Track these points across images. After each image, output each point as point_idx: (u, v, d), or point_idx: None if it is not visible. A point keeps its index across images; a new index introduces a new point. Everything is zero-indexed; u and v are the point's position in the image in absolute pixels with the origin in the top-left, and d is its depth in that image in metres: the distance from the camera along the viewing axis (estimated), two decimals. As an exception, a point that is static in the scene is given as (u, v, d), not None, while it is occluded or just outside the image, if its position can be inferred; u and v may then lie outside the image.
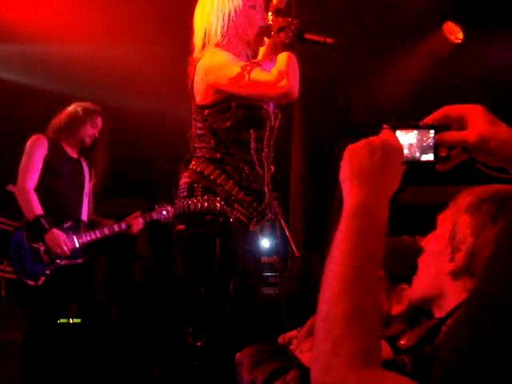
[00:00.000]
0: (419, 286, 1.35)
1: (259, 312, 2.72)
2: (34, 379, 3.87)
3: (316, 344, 0.92)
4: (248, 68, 2.44)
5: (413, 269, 1.45)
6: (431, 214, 1.37)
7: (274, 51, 2.52)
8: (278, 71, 2.43)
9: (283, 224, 3.64)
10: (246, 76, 2.42)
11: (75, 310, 5.04)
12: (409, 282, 1.61)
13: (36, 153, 3.96)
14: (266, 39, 2.63)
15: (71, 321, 4.93)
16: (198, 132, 2.63)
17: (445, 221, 1.31)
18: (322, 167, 6.37)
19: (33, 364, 3.76)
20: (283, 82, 2.42)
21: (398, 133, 1.09)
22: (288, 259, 5.39)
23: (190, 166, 2.62)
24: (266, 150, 2.64)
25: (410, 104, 6.02)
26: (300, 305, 4.65)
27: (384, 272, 1.78)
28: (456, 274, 1.24)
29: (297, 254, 3.80)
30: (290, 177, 6.14)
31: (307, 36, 2.51)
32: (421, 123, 1.11)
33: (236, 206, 2.54)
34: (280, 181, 3.33)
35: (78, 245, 3.97)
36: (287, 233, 3.68)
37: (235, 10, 2.57)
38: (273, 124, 2.66)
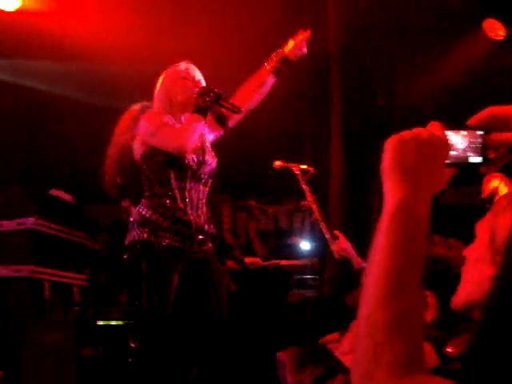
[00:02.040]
0: (462, 294, 1.29)
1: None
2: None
3: (357, 349, 0.89)
4: (161, 126, 3.07)
5: (435, 275, 1.42)
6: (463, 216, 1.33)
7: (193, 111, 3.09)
8: (177, 131, 3.06)
9: (322, 226, 3.63)
10: (158, 133, 3.05)
11: (116, 312, 5.10)
12: (432, 289, 1.57)
13: None
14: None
15: (113, 323, 4.98)
16: (141, 177, 3.20)
17: (483, 227, 1.26)
18: (361, 169, 6.31)
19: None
20: (177, 142, 3.01)
21: (446, 132, 1.03)
22: (328, 262, 5.36)
23: (137, 207, 3.20)
24: (190, 187, 3.14)
25: (450, 103, 5.92)
26: (340, 307, 4.61)
27: None
28: None
29: (336, 257, 3.77)
30: (329, 179, 6.10)
31: (222, 102, 3.06)
32: (468, 124, 1.07)
33: (163, 234, 3.05)
34: (319, 183, 3.35)
35: None
36: (326, 235, 3.66)
37: (165, 84, 3.23)
38: (194, 167, 3.13)
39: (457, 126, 1.06)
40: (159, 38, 5.56)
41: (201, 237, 3.15)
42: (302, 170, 3.84)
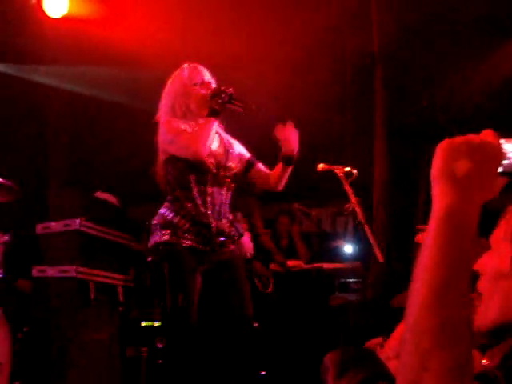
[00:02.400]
0: (488, 315, 1.21)
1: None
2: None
3: (403, 356, 0.88)
4: (178, 134, 3.12)
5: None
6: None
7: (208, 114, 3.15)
8: (191, 137, 3.09)
9: (366, 230, 3.59)
10: (174, 141, 3.12)
11: (159, 313, 5.15)
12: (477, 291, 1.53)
13: None
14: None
15: (156, 324, 5.03)
16: (163, 181, 3.28)
17: (501, 239, 1.21)
18: (405, 172, 6.25)
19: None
20: (193, 147, 3.05)
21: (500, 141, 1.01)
22: (371, 265, 5.31)
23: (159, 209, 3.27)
24: (212, 190, 3.19)
25: (498, 105, 5.81)
26: (384, 311, 4.57)
27: None
28: None
29: (380, 260, 3.73)
30: (372, 183, 6.05)
31: (235, 102, 3.11)
32: None
33: (185, 235, 3.12)
34: (362, 186, 3.33)
35: None
36: (370, 239, 3.62)
37: (176, 92, 3.26)
38: (215, 171, 3.19)
39: (509, 135, 1.04)
40: (206, 42, 5.60)
41: (222, 239, 3.21)
42: (346, 173, 3.80)
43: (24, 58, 6.56)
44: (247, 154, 3.42)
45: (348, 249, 6.26)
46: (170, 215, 3.16)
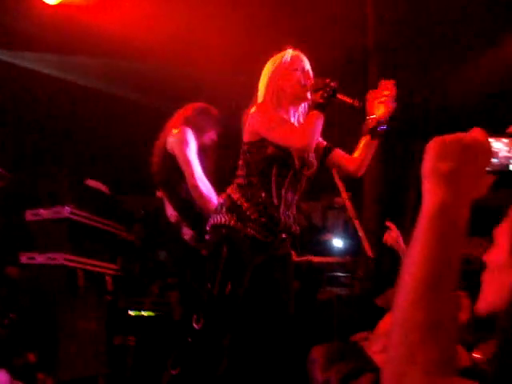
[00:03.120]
0: (483, 303, 1.26)
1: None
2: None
3: (390, 349, 0.89)
4: (281, 123, 3.03)
5: (466, 275, 1.39)
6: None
7: (310, 107, 3.05)
8: (301, 129, 3.02)
9: (357, 225, 3.61)
10: (278, 129, 3.00)
11: (149, 303, 5.16)
12: (465, 289, 1.54)
13: (194, 146, 3.87)
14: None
15: (144, 313, 5.05)
16: (240, 162, 3.16)
17: (502, 232, 1.24)
18: (396, 168, 6.27)
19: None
20: (303, 140, 2.94)
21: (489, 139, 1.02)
22: (360, 260, 5.33)
23: (227, 189, 3.18)
24: (288, 185, 3.11)
25: (489, 105, 5.84)
26: (371, 306, 4.59)
27: None
28: None
29: (370, 255, 3.75)
30: (363, 178, 6.06)
31: (339, 96, 2.97)
32: (509, 131, 1.06)
33: (250, 224, 3.03)
34: (353, 180, 3.34)
35: None
36: (360, 233, 3.64)
37: (274, 72, 3.14)
38: (297, 167, 3.11)
39: (498, 134, 1.05)
40: (202, 32, 5.57)
41: (284, 236, 3.14)
42: (337, 167, 3.82)
43: (17, 43, 6.53)
44: (323, 142, 3.31)
45: (338, 243, 6.29)
46: (240, 200, 3.07)
